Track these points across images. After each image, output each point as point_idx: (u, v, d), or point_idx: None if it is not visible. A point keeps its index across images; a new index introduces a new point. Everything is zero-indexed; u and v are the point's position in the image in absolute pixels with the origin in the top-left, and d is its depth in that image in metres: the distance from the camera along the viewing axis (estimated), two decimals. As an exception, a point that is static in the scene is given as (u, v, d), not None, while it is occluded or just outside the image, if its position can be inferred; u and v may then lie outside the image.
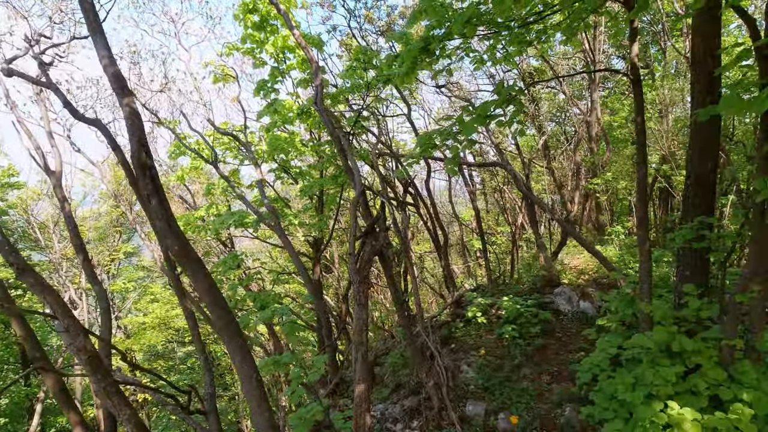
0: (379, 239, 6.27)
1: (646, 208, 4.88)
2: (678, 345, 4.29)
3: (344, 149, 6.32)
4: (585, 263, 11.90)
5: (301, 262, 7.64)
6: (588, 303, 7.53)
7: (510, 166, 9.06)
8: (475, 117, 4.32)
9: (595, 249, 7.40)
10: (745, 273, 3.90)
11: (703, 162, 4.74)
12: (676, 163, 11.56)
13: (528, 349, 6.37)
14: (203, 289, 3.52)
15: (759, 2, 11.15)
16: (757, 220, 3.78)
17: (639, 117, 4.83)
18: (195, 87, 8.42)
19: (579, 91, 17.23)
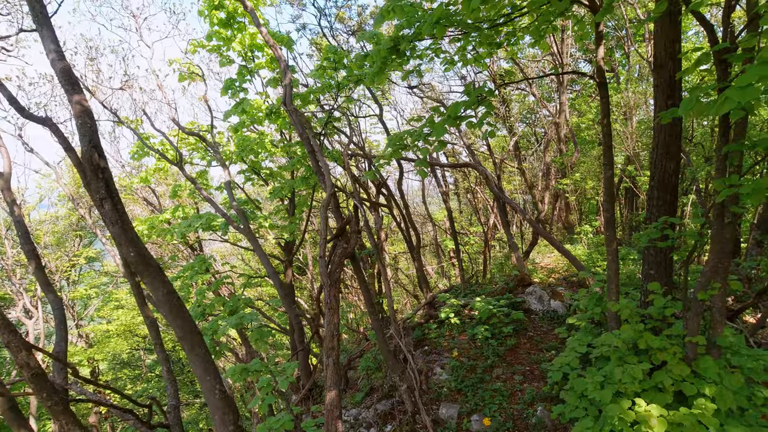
0: (350, 241, 6.17)
1: (613, 210, 4.96)
2: (644, 343, 4.37)
3: (314, 150, 6.19)
4: (556, 262, 12.15)
5: (272, 266, 7.44)
6: (558, 302, 7.64)
7: (482, 166, 9.12)
8: (445, 118, 4.28)
9: (564, 249, 7.52)
10: (705, 271, 4.00)
11: (666, 164, 4.86)
12: (640, 164, 11.94)
13: (500, 349, 6.40)
14: (161, 297, 3.33)
15: (715, 10, 11.62)
16: (716, 220, 3.88)
17: (605, 119, 4.92)
18: (158, 85, 8.07)
19: (548, 93, 17.63)
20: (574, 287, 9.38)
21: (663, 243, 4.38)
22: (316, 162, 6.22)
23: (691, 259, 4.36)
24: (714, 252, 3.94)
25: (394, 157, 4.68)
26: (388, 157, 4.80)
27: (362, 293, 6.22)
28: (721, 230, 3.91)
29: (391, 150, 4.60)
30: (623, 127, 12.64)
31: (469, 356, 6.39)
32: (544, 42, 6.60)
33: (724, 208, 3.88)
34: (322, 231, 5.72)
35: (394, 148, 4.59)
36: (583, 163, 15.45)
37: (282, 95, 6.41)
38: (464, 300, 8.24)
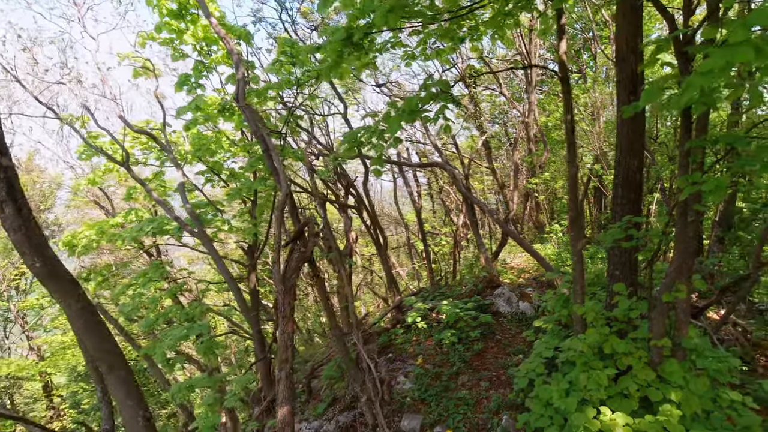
0: (308, 245, 5.84)
1: (577, 209, 4.80)
2: (610, 347, 4.21)
3: (269, 148, 5.83)
4: (526, 261, 12.09)
5: (228, 271, 7.02)
6: (527, 303, 7.50)
7: (450, 166, 8.93)
8: (401, 113, 4.00)
9: (533, 249, 7.38)
10: (670, 271, 3.86)
11: (630, 161, 4.72)
12: (607, 163, 12.02)
13: (467, 354, 6.18)
14: (74, 312, 2.93)
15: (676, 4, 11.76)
16: (680, 219, 3.74)
17: (568, 115, 4.75)
18: (101, 79, 7.53)
19: (518, 93, 17.69)
20: (543, 287, 9.28)
21: (627, 243, 4.23)
22: (271, 161, 5.86)
23: (656, 258, 4.23)
24: (678, 251, 3.81)
25: (348, 155, 4.40)
26: (342, 155, 4.50)
27: (320, 299, 5.89)
28: (685, 229, 3.77)
29: (344, 148, 4.30)
30: (590, 127, 12.71)
31: (435, 363, 6.14)
32: (507, 38, 6.44)
33: (687, 206, 3.75)
34: (276, 234, 5.37)
35: (348, 145, 4.29)
36: (553, 162, 15.53)
37: (235, 90, 6.02)
38: (432, 303, 8.01)
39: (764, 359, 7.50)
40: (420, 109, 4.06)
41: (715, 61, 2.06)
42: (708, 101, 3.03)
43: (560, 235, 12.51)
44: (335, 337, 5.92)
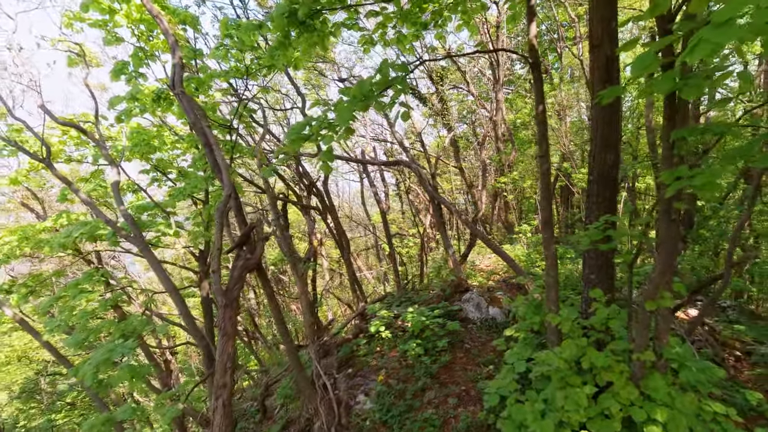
0: (255, 251, 5.19)
1: (550, 208, 4.38)
2: (588, 361, 3.79)
3: (209, 142, 5.15)
4: (495, 263, 11.78)
5: (169, 280, 6.26)
6: (497, 309, 7.10)
7: (415, 164, 8.46)
8: (353, 100, 3.45)
9: (502, 251, 6.98)
10: (653, 277, 3.47)
11: (605, 155, 4.35)
12: (574, 162, 11.88)
13: (433, 367, 5.69)
14: None
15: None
16: (663, 218, 3.35)
17: (540, 106, 4.33)
18: (14, 62, 6.59)
19: (486, 93, 17.50)
20: (514, 290, 8.93)
21: (605, 245, 3.82)
22: (212, 156, 5.19)
23: (635, 261, 3.85)
24: (662, 254, 3.42)
25: (293, 150, 3.83)
26: (288, 149, 3.92)
27: (271, 310, 5.26)
28: (669, 229, 3.39)
29: (289, 141, 3.71)
30: (558, 125, 12.57)
31: (399, 377, 5.62)
32: (473, 25, 6.00)
33: (671, 204, 3.37)
34: (216, 240, 4.71)
35: (293, 139, 3.69)
36: (521, 162, 15.38)
37: (170, 76, 5.31)
38: (398, 310, 7.50)
39: (733, 359, 7.38)
40: (374, 94, 3.52)
41: (735, 5, 1.60)
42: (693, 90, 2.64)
43: (529, 236, 12.29)
44: (288, 351, 5.30)
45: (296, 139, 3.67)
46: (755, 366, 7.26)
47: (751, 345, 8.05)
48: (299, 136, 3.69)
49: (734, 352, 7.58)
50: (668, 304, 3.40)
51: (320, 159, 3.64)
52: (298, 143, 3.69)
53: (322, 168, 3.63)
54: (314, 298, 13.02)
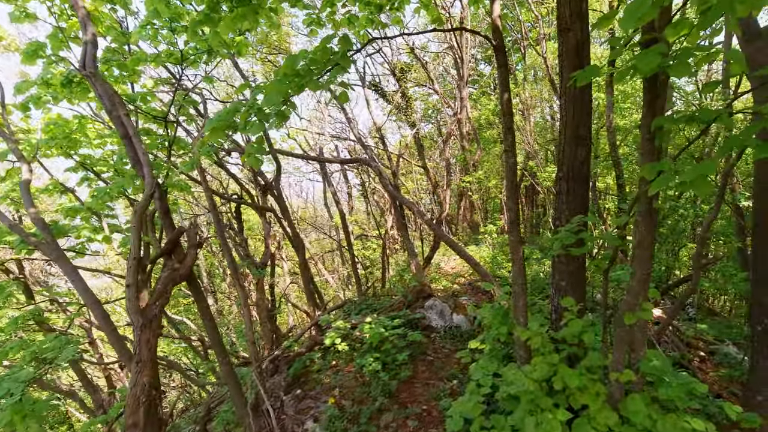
0: (185, 260, 4.50)
1: (517, 208, 3.93)
2: (561, 381, 3.34)
3: (128, 133, 4.42)
4: (461, 265, 11.42)
5: (90, 293, 5.42)
6: (461, 316, 6.66)
7: (374, 162, 7.92)
8: (282, 78, 2.86)
9: (467, 254, 6.55)
10: (632, 286, 3.06)
11: (576, 150, 3.95)
12: (539, 161, 11.68)
13: (392, 384, 5.15)
14: None
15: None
16: (643, 219, 2.94)
17: (505, 94, 3.87)
18: None
19: (451, 92, 17.21)
20: (479, 294, 8.54)
21: (578, 250, 3.39)
22: (132, 150, 4.46)
23: (611, 267, 3.44)
24: (640, 259, 3.01)
25: (214, 141, 3.22)
26: (209, 140, 3.29)
27: (205, 326, 4.58)
28: (649, 231, 2.99)
29: (209, 132, 3.07)
30: (523, 124, 12.36)
31: (354, 398, 5.05)
32: (432, 8, 5.51)
33: (652, 203, 2.97)
34: (132, 247, 3.99)
35: (214, 126, 3.06)
36: (486, 161, 15.15)
37: (81, 56, 4.53)
38: (357, 318, 6.94)
39: (698, 360, 7.25)
40: (311, 72, 2.94)
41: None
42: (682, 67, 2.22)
43: (495, 236, 12.01)
44: (225, 373, 4.63)
45: (217, 129, 3.04)
46: (719, 366, 7.16)
47: (713, 344, 7.97)
48: (221, 124, 3.05)
49: (698, 353, 7.46)
50: (649, 317, 3.00)
51: (248, 152, 3.03)
52: (220, 133, 3.06)
53: (249, 162, 3.01)
54: (273, 304, 12.26)
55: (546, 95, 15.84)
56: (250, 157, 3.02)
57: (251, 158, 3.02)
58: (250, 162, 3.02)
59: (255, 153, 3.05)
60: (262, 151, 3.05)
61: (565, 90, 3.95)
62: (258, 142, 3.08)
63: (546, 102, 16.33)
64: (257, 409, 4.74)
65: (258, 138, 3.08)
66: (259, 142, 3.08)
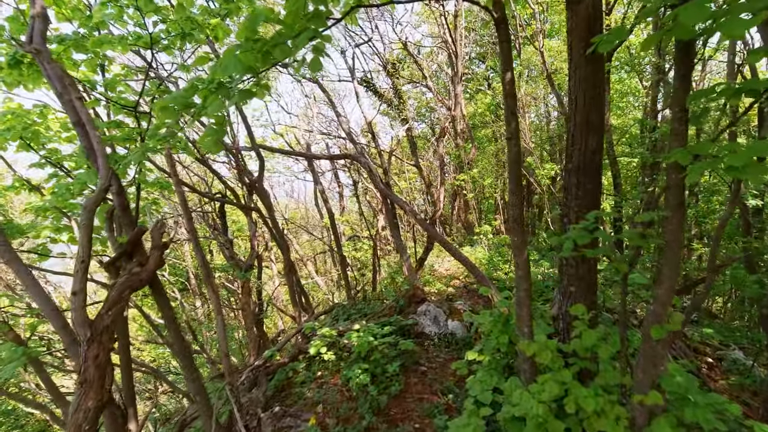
0: (147, 263, 3.98)
1: (521, 203, 3.46)
2: (573, 404, 2.87)
3: (81, 120, 3.90)
4: (456, 266, 10.96)
5: (48, 301, 4.88)
6: (457, 322, 6.19)
7: (364, 158, 7.44)
8: (244, 45, 2.38)
9: (462, 255, 6.09)
10: (660, 294, 2.60)
11: (587, 139, 3.50)
12: (537, 157, 11.25)
13: (382, 399, 4.67)
14: None
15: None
16: (674, 213, 2.49)
17: (507, 73, 3.40)
18: None
19: (445, 89, 16.78)
20: (475, 297, 8.08)
21: (594, 251, 2.93)
22: (87, 139, 3.94)
23: (631, 271, 2.98)
24: (670, 262, 2.56)
25: (168, 121, 2.74)
26: (161, 121, 2.80)
27: (171, 335, 4.06)
28: (679, 229, 2.54)
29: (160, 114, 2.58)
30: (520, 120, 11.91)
31: (339, 415, 4.55)
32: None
33: (683, 194, 2.51)
34: (81, 247, 3.48)
35: (168, 106, 2.56)
36: (481, 160, 14.73)
37: (28, 32, 4.01)
38: (345, 325, 6.44)
39: (706, 367, 6.85)
40: (280, 43, 2.45)
41: None
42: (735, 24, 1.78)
43: (490, 237, 11.58)
44: (193, 389, 4.12)
45: (169, 109, 2.55)
46: (728, 373, 6.76)
47: (720, 349, 7.59)
48: (176, 102, 2.56)
49: (706, 359, 7.06)
50: (677, 327, 2.55)
51: (203, 137, 2.54)
52: (172, 113, 2.56)
53: (205, 147, 2.52)
54: (260, 309, 11.72)
55: (541, 94, 15.47)
56: (206, 141, 2.52)
57: (207, 142, 2.53)
58: (206, 147, 2.53)
59: (213, 136, 2.56)
60: (219, 133, 2.56)
61: (574, 70, 3.50)
62: (218, 122, 2.58)
63: (542, 101, 15.97)
64: (231, 429, 4.23)
65: (218, 118, 2.59)
66: (219, 123, 2.59)
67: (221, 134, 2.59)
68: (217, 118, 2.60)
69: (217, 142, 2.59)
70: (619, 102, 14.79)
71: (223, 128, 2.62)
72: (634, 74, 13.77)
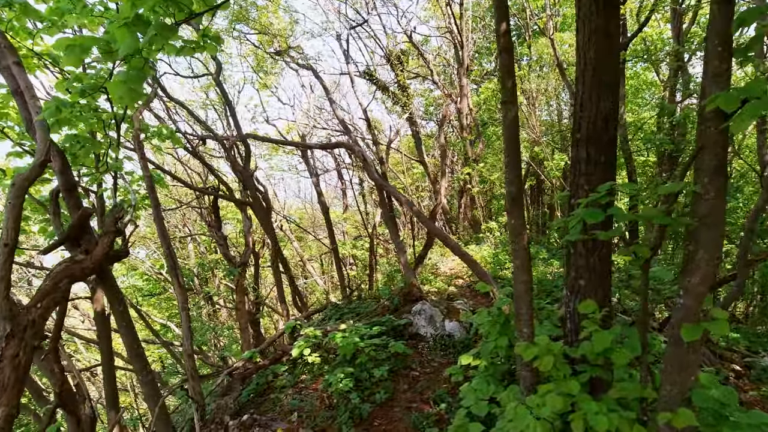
0: (95, 250, 3.52)
1: (520, 178, 2.91)
2: (581, 422, 2.30)
3: (19, 88, 3.45)
4: (460, 266, 10.37)
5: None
6: (455, 323, 5.62)
7: (358, 146, 6.94)
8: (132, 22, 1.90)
9: (462, 251, 5.55)
10: (694, 284, 2.03)
11: (599, 103, 2.93)
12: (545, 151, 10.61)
13: (365, 408, 4.12)
14: None
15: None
16: (713, 182, 1.92)
17: (502, 23, 2.86)
18: None
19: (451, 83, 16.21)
20: (479, 298, 7.51)
21: (606, 233, 2.37)
22: (25, 109, 3.50)
23: (652, 259, 2.40)
24: (708, 243, 1.99)
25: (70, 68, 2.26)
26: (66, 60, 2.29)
27: (122, 338, 3.58)
28: (720, 200, 1.97)
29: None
30: (530, 113, 11.29)
31: (314, 425, 4.02)
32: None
33: (724, 155, 1.95)
34: (5, 229, 3.02)
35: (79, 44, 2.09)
36: (489, 155, 14.11)
37: None
38: (334, 325, 5.93)
39: (733, 375, 6.19)
40: None
41: None
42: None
43: (497, 234, 10.96)
44: (146, 392, 3.63)
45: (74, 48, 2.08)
46: (759, 384, 6.09)
47: (747, 356, 6.92)
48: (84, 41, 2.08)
49: (733, 366, 6.39)
50: (725, 330, 1.97)
51: (116, 81, 2.06)
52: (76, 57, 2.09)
53: (116, 97, 2.04)
54: (256, 308, 11.28)
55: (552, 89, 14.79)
56: (119, 87, 2.03)
57: (121, 89, 2.04)
58: (118, 95, 2.04)
59: (128, 83, 2.07)
60: (138, 81, 2.07)
61: (583, 21, 2.94)
62: (134, 66, 2.09)
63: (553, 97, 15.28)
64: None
65: (135, 61, 2.09)
66: (136, 67, 2.10)
67: (139, 81, 2.09)
68: (134, 61, 2.10)
69: (134, 91, 2.10)
70: (635, 98, 14.08)
71: (143, 74, 2.12)
72: (650, 68, 13.08)
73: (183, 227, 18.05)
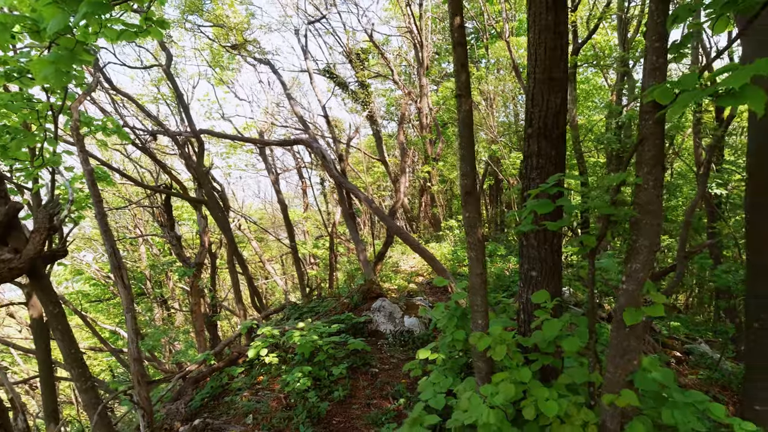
0: (26, 248, 3.26)
1: (474, 172, 2.94)
2: (532, 408, 2.35)
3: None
4: (421, 263, 10.47)
5: None
6: (414, 318, 5.65)
7: (317, 143, 6.84)
8: None
9: (421, 247, 5.57)
10: (635, 269, 2.11)
11: (549, 98, 3.02)
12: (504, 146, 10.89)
13: (323, 407, 4.06)
14: None
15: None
16: (653, 173, 2.00)
17: (456, 17, 2.89)
18: None
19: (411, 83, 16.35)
20: (438, 294, 7.59)
21: (555, 224, 2.44)
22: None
23: (599, 248, 2.49)
24: (648, 230, 2.08)
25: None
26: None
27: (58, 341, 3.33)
28: (658, 189, 2.06)
29: None
30: (487, 114, 11.57)
31: (271, 426, 3.92)
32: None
33: (662, 147, 2.04)
34: None
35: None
36: (449, 155, 14.35)
37: None
38: (290, 325, 5.80)
39: (674, 361, 6.58)
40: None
41: None
42: None
43: (457, 232, 11.15)
44: (85, 400, 3.40)
45: None
46: (696, 367, 6.52)
47: (687, 343, 7.40)
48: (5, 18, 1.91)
49: (674, 353, 6.80)
50: (661, 312, 2.07)
51: (42, 62, 1.90)
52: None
53: (39, 78, 1.88)
54: (213, 310, 10.89)
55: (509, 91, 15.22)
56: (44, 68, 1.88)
57: (46, 70, 1.88)
58: (42, 76, 1.88)
59: (55, 64, 1.91)
60: (66, 63, 1.92)
61: (533, 20, 3.02)
62: (64, 45, 1.94)
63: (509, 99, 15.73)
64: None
65: (65, 41, 1.93)
66: (66, 46, 1.94)
67: (68, 62, 1.94)
68: (64, 40, 1.95)
69: (63, 73, 1.94)
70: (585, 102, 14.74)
71: (74, 55, 1.97)
72: (599, 73, 13.74)
73: (134, 228, 17.22)
